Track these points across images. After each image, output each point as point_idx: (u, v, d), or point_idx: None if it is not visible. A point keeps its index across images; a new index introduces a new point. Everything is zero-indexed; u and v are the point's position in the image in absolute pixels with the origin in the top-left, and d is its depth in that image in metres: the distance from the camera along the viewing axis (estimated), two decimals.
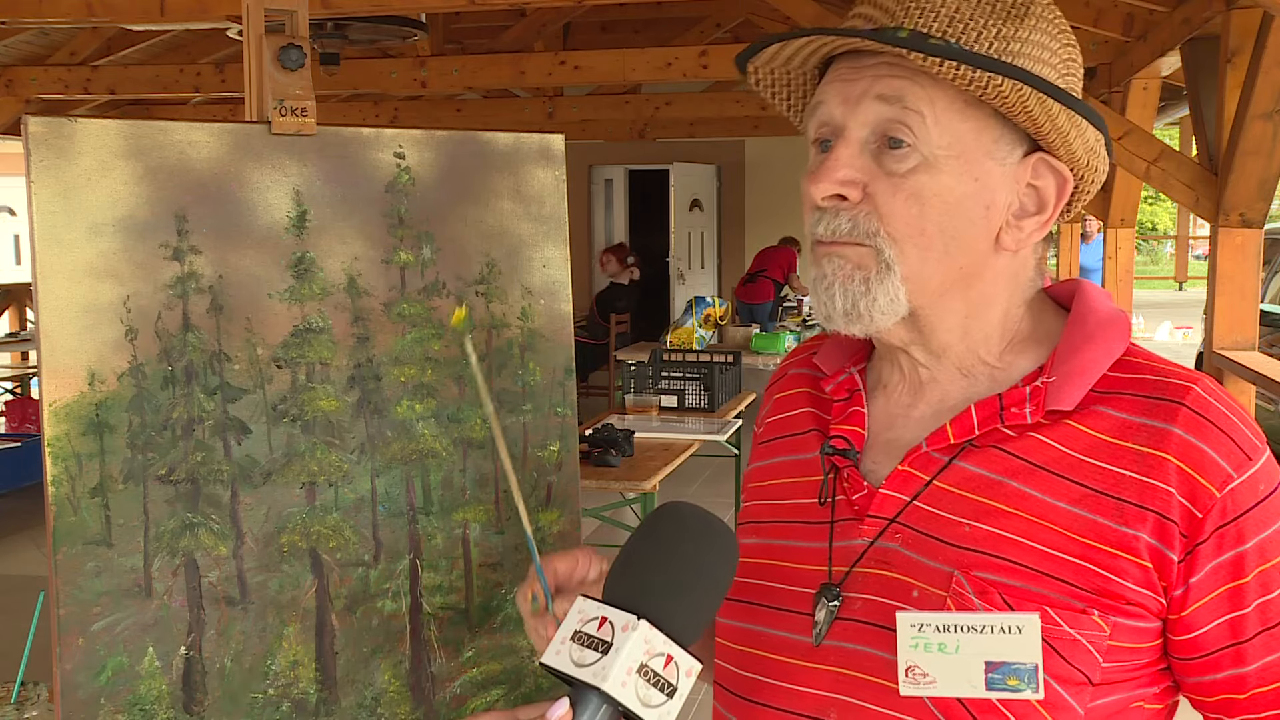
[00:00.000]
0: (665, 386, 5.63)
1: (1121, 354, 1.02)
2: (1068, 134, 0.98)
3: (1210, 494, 0.95)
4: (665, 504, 1.00)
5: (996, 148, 0.99)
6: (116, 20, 4.92)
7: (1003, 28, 0.96)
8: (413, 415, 1.23)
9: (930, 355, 1.05)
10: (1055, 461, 0.98)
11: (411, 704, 1.23)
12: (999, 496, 0.98)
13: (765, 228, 11.79)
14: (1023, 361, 1.04)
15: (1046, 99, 0.96)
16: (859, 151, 0.99)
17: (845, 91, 0.99)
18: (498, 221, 1.27)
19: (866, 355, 1.13)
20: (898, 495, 1.02)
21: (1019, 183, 1.00)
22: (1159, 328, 15.27)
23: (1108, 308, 1.05)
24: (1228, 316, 4.16)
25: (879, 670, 0.98)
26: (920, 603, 0.98)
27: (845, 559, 1.03)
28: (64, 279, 1.08)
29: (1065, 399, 0.99)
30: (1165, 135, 15.91)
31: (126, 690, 1.10)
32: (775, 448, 1.17)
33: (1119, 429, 0.98)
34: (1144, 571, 0.95)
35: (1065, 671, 0.94)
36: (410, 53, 7.04)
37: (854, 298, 0.99)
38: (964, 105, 0.97)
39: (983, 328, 1.04)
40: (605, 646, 0.90)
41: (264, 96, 1.17)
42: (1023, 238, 1.01)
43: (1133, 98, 5.90)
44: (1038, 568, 0.96)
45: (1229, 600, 0.96)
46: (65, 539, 1.07)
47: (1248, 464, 0.96)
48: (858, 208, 0.98)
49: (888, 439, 1.07)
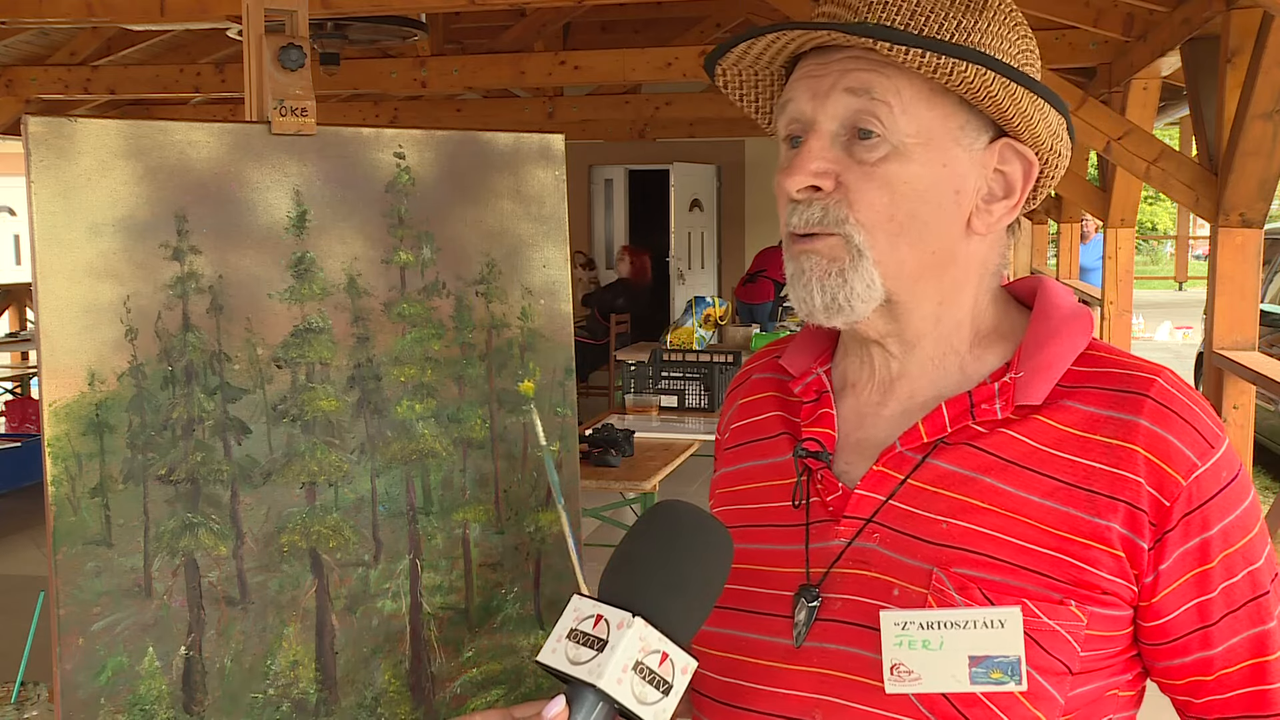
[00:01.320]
0: (665, 386, 5.63)
1: (1084, 348, 1.04)
2: (1031, 117, 1.01)
3: (1177, 482, 0.97)
4: (660, 502, 1.00)
5: (963, 134, 1.01)
6: (116, 20, 4.92)
7: (963, 19, 0.99)
8: (413, 415, 1.23)
9: (904, 346, 1.06)
10: (1026, 456, 1.00)
11: (411, 704, 1.23)
12: (973, 492, 1.00)
13: (765, 228, 11.79)
14: (990, 357, 1.06)
15: (1010, 83, 0.98)
16: (830, 144, 1.01)
17: (813, 86, 1.02)
18: (498, 221, 1.28)
19: (831, 355, 1.15)
20: (873, 495, 1.03)
21: (986, 168, 1.03)
22: (1159, 328, 15.27)
23: (1070, 304, 1.07)
24: (1228, 316, 4.16)
25: (862, 669, 0.99)
26: (901, 601, 0.99)
27: (823, 560, 1.04)
28: (64, 279, 1.08)
29: (1033, 394, 1.01)
30: (1165, 135, 15.91)
31: (126, 690, 1.10)
32: (743, 453, 1.18)
33: (1087, 422, 1.00)
34: (1117, 561, 0.97)
35: (1046, 662, 0.96)
36: (410, 53, 7.04)
37: (832, 291, 1.01)
38: (930, 93, 0.99)
39: (954, 315, 1.05)
40: (601, 644, 0.90)
41: (264, 96, 1.18)
42: (993, 221, 1.04)
43: (1133, 98, 5.91)
44: (1015, 561, 0.97)
45: (1196, 585, 0.99)
46: (65, 539, 1.07)
47: (1211, 452, 0.98)
48: (830, 197, 1.00)
49: (859, 439, 1.08)
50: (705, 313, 8.02)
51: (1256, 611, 1.00)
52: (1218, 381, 4.17)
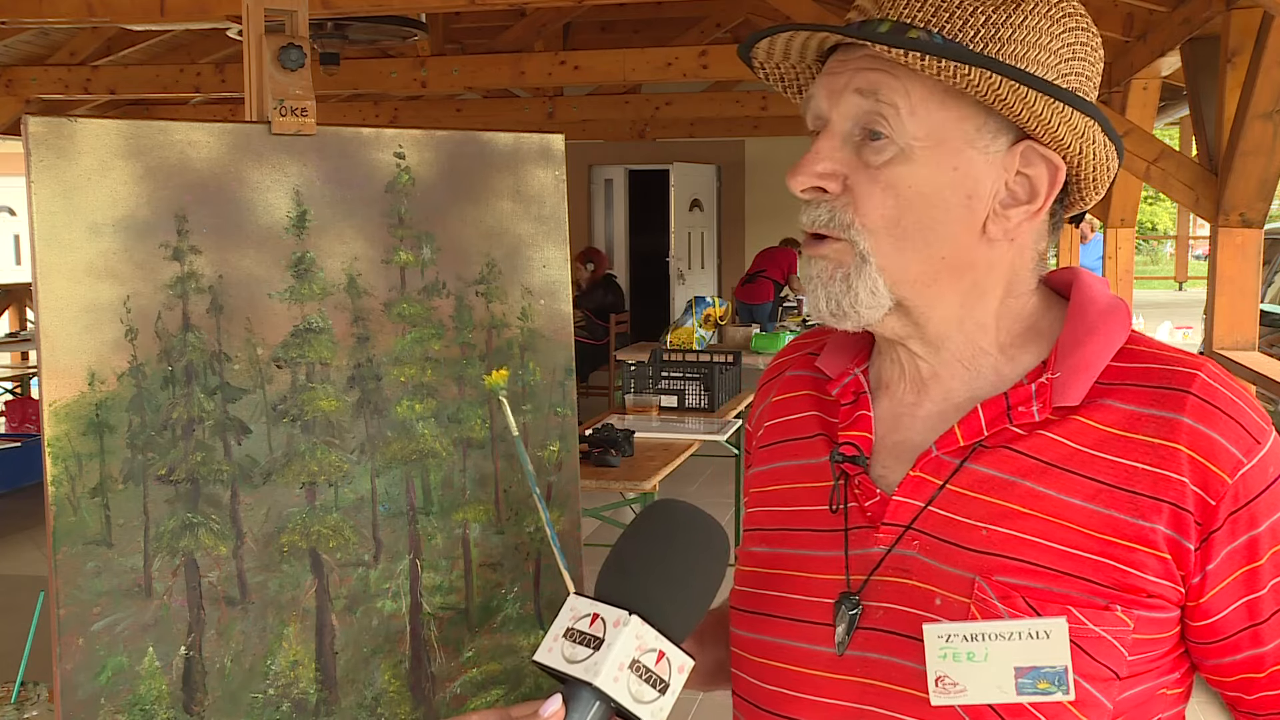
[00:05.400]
0: (665, 386, 5.62)
1: (1123, 343, 1.01)
2: (1049, 121, 0.97)
3: (1222, 481, 0.94)
4: (656, 501, 1.00)
5: (979, 136, 0.98)
6: (116, 20, 4.92)
7: (993, 15, 0.95)
8: (413, 415, 1.23)
9: (928, 347, 1.04)
10: (1066, 458, 0.97)
11: (411, 704, 1.23)
12: (1013, 497, 0.98)
13: (765, 228, 11.79)
14: (1025, 356, 1.03)
15: (1020, 86, 0.94)
16: (841, 144, 0.99)
17: (830, 85, 1.01)
18: (498, 221, 1.27)
19: (869, 355, 1.13)
20: (912, 501, 1.01)
21: (1008, 171, 0.99)
22: (1159, 328, 15.26)
23: (1107, 296, 1.04)
24: (1228, 316, 4.16)
25: (906, 679, 0.97)
26: (943, 610, 0.97)
27: (862, 567, 1.02)
28: (64, 279, 1.08)
29: (1071, 394, 0.98)
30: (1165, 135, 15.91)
31: (126, 690, 1.10)
32: (778, 452, 1.15)
33: (1128, 421, 0.97)
34: (1162, 563, 0.95)
35: (1093, 669, 0.94)
36: (410, 53, 7.05)
37: (836, 297, 1.00)
38: (944, 95, 0.97)
39: (977, 318, 1.03)
40: (597, 643, 0.90)
41: (264, 96, 1.17)
42: (1010, 227, 1.00)
43: (1133, 98, 5.91)
44: (1058, 568, 0.95)
45: (1245, 583, 0.97)
46: (65, 539, 1.07)
47: (1257, 448, 0.96)
48: (836, 199, 0.99)
49: (895, 441, 1.06)
50: (705, 313, 8.02)
51: None
52: None
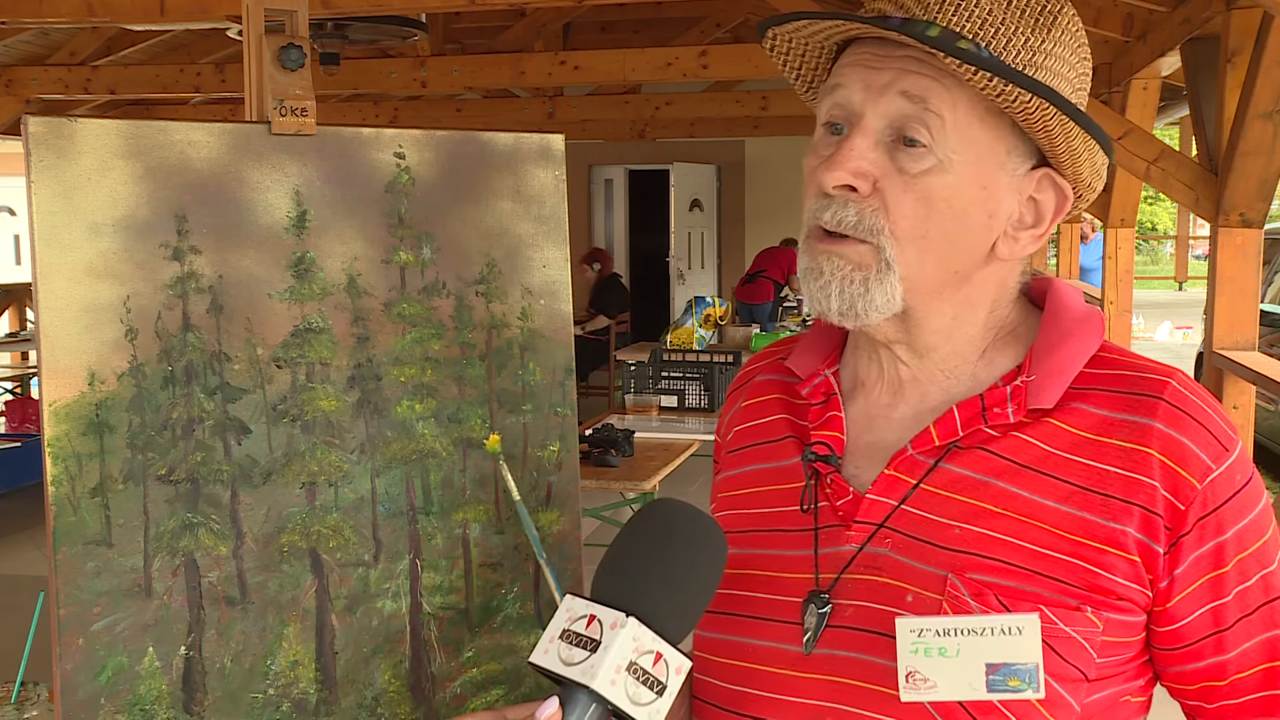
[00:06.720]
0: (665, 386, 5.63)
1: (1096, 350, 1.03)
2: (1079, 154, 0.99)
3: (1192, 486, 0.96)
4: (654, 501, 0.99)
5: (1009, 159, 0.99)
6: (116, 20, 4.92)
7: (1030, 36, 0.95)
8: (413, 415, 1.23)
9: (914, 355, 1.05)
10: (1040, 460, 0.98)
11: (411, 704, 1.23)
12: (987, 497, 0.99)
13: (765, 228, 11.78)
14: (1001, 360, 1.05)
15: (1067, 120, 0.95)
16: (873, 144, 0.97)
17: (868, 79, 0.98)
18: (498, 221, 1.27)
19: (839, 356, 1.13)
20: (885, 500, 1.02)
21: (1022, 194, 1.00)
22: (1159, 328, 15.26)
23: (1080, 305, 1.06)
24: (1228, 316, 4.16)
25: (875, 677, 0.98)
26: (915, 607, 0.97)
27: (833, 566, 1.03)
28: (64, 279, 1.08)
29: (1046, 397, 1.00)
30: (1165, 135, 15.90)
31: (126, 690, 1.10)
32: (747, 455, 1.16)
33: (1101, 425, 0.98)
34: (1132, 565, 0.96)
35: (1063, 669, 0.95)
36: (410, 53, 7.05)
37: (852, 298, 0.99)
38: (984, 112, 0.97)
39: (966, 330, 1.04)
40: (594, 644, 0.90)
41: (264, 96, 1.17)
42: (1017, 249, 1.02)
43: (1133, 98, 5.91)
44: (1030, 567, 0.96)
45: (1211, 589, 0.97)
46: (65, 539, 1.07)
47: (1225, 455, 0.97)
48: (865, 201, 0.97)
49: (868, 442, 1.06)
50: (705, 313, 8.02)
51: (1270, 616, 0.99)
52: (1218, 381, 4.17)
